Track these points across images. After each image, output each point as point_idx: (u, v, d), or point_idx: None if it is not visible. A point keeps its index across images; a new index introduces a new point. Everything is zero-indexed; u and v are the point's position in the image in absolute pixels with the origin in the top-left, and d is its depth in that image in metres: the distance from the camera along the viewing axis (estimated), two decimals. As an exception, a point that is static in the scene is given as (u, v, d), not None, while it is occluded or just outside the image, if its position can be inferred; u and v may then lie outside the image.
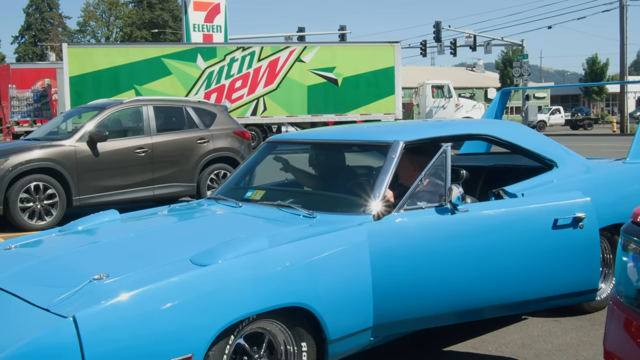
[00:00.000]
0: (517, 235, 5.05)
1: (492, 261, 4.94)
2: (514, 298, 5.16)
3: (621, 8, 45.87)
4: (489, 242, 4.94)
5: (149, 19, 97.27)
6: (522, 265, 5.04)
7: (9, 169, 11.47)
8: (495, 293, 5.00)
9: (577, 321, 6.11)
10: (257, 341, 4.29)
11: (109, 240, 5.03)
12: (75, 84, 26.05)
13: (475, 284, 4.90)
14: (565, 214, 5.09)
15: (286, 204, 5.22)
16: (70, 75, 26.09)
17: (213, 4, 40.21)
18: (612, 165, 6.97)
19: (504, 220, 5.09)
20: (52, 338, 3.51)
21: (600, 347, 5.39)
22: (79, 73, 26.19)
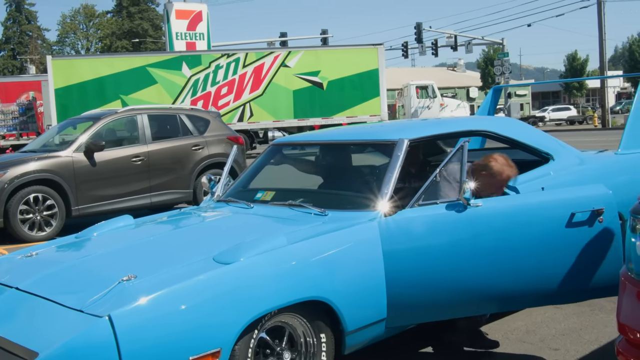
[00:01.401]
0: (531, 230, 4.88)
1: (504, 255, 4.83)
2: (528, 292, 5.05)
3: (599, 4, 46.08)
4: (500, 237, 4.83)
5: (128, 29, 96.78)
6: (537, 260, 4.88)
7: (7, 182, 11.52)
8: (508, 287, 4.91)
9: (577, 307, 6.23)
10: (278, 334, 4.40)
11: (129, 244, 5.13)
12: (61, 96, 25.98)
13: (488, 278, 4.83)
14: (583, 207, 4.83)
15: (297, 203, 5.30)
16: (55, 88, 26.02)
17: (195, 12, 40.21)
18: (605, 156, 7.06)
19: (517, 214, 4.92)
20: (89, 337, 3.63)
21: (603, 330, 5.62)
22: (64, 85, 26.13)
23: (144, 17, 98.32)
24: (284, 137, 7.29)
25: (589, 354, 5.27)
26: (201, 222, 5.71)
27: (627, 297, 3.26)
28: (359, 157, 6.13)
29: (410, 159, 5.55)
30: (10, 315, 4.13)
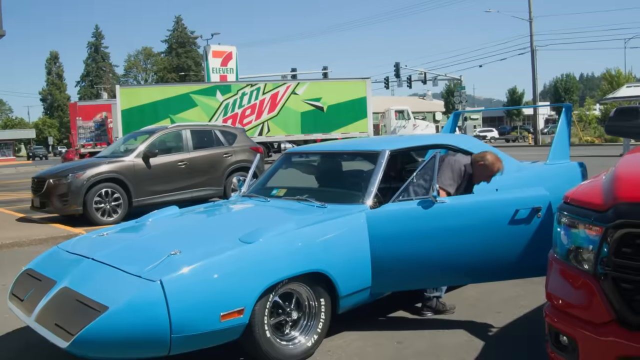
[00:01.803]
0: (485, 222, 4.81)
1: (462, 240, 4.79)
2: (480, 270, 4.99)
3: (532, 52, 46.14)
4: (460, 225, 4.79)
5: (176, 65, 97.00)
6: (488, 245, 4.81)
7: (86, 179, 11.58)
8: (465, 265, 4.89)
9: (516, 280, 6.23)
10: (288, 299, 4.41)
11: (176, 227, 5.15)
12: (126, 116, 26.01)
13: (449, 258, 4.81)
14: (525, 206, 4.78)
15: (303, 198, 5.30)
16: (121, 109, 26.06)
17: (227, 52, 40.35)
18: (537, 165, 7.06)
19: (474, 209, 4.86)
20: (146, 296, 3.68)
21: (534, 297, 5.61)
22: (128, 107, 26.15)
23: (188, 56, 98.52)
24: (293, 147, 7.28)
25: (522, 316, 5.28)
26: (230, 211, 5.71)
27: (553, 272, 3.27)
28: (351, 164, 6.12)
29: (390, 166, 5.54)
30: (88, 278, 4.14)
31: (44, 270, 4.61)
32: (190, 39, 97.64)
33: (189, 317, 3.75)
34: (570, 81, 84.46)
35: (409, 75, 52.04)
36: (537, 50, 46.50)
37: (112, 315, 3.60)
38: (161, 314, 3.65)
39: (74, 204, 11.55)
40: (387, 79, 52.84)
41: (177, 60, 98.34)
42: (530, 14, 45.74)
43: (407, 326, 5.15)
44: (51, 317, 3.95)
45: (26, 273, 4.79)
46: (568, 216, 3.17)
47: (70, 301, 3.95)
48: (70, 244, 5.05)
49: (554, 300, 3.22)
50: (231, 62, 40.29)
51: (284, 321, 4.39)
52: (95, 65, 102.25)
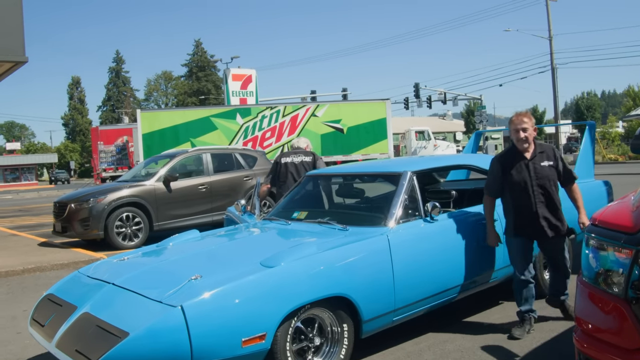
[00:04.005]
0: (466, 233, 5.33)
1: (455, 252, 5.24)
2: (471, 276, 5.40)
3: (552, 70, 46.00)
4: (451, 240, 5.24)
5: (196, 88, 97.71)
6: (471, 253, 5.30)
7: (107, 204, 11.65)
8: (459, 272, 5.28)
9: (540, 303, 6.05)
10: (310, 324, 4.36)
11: (196, 251, 5.12)
12: (147, 139, 26.14)
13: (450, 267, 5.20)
14: None
15: (325, 221, 5.28)
16: (142, 133, 26.19)
17: (247, 75, 40.60)
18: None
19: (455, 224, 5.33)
20: (166, 322, 3.65)
21: (558, 322, 5.50)
22: (149, 131, 26.29)
23: (208, 80, 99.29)
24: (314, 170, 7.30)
25: (550, 340, 5.17)
26: (251, 235, 5.67)
27: (581, 296, 3.21)
28: (372, 186, 6.09)
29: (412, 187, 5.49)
30: (109, 303, 4.13)
31: (64, 296, 4.62)
32: (210, 62, 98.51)
33: (210, 342, 3.71)
34: (592, 99, 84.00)
35: (428, 95, 52.02)
36: (558, 68, 46.33)
37: (133, 341, 3.57)
38: (182, 340, 3.62)
39: (95, 229, 11.61)
40: (406, 99, 52.87)
41: (197, 84, 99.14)
42: (550, 32, 45.67)
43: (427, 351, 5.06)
44: (72, 343, 3.94)
45: (47, 298, 4.79)
46: (596, 238, 3.12)
47: (90, 327, 3.94)
48: (91, 268, 5.05)
49: (583, 325, 3.15)
50: (251, 85, 40.53)
51: (307, 347, 4.34)
52: (116, 89, 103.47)
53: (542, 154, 5.21)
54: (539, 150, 5.21)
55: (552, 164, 5.19)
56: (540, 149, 5.23)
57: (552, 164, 5.19)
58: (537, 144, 5.23)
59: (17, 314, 7.10)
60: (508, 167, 5.21)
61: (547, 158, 5.20)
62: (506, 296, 6.37)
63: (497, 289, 6.20)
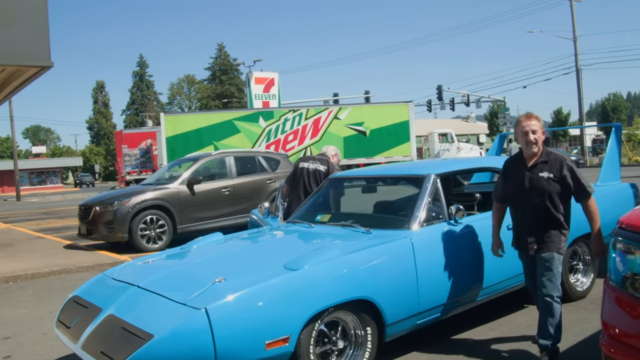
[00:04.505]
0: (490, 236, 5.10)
1: (480, 255, 5.20)
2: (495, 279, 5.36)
3: (577, 71, 45.64)
4: (475, 243, 5.20)
5: (219, 92, 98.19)
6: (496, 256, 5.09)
7: (131, 207, 11.76)
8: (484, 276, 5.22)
9: (567, 307, 6.06)
10: (334, 327, 4.35)
11: (220, 254, 5.14)
12: (170, 143, 26.33)
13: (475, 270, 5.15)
14: None
15: (348, 224, 5.26)
16: (166, 136, 26.39)
17: (269, 79, 40.67)
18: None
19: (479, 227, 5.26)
20: (190, 324, 3.66)
21: (588, 325, 5.45)
22: (172, 134, 26.47)
23: (231, 83, 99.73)
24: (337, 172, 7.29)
25: (576, 344, 5.12)
26: (274, 238, 5.68)
27: (608, 300, 3.17)
28: (396, 188, 6.08)
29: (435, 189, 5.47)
30: (134, 306, 4.16)
31: (90, 298, 4.66)
32: (233, 66, 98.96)
33: (234, 345, 3.72)
34: (618, 100, 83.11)
35: (451, 97, 51.79)
36: (582, 70, 45.97)
37: (157, 344, 3.59)
38: (206, 342, 3.63)
39: (119, 231, 11.72)
40: (429, 101, 52.67)
41: (220, 88, 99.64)
42: (574, 32, 45.29)
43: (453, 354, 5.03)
44: (97, 345, 3.97)
45: (73, 300, 4.84)
46: (623, 242, 3.08)
47: (115, 329, 3.97)
48: (116, 271, 5.10)
49: (610, 330, 3.11)
50: (273, 89, 40.62)
51: (330, 350, 4.32)
52: (140, 93, 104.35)
53: (545, 164, 4.67)
54: (543, 160, 4.69)
55: (552, 176, 4.61)
56: (546, 158, 4.70)
57: (554, 177, 4.60)
58: (544, 152, 4.72)
59: (43, 315, 7.18)
60: (508, 173, 4.91)
61: (549, 169, 4.63)
62: (532, 300, 6.29)
63: (522, 293, 6.14)
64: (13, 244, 14.15)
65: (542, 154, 4.72)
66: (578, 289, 6.30)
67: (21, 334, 6.47)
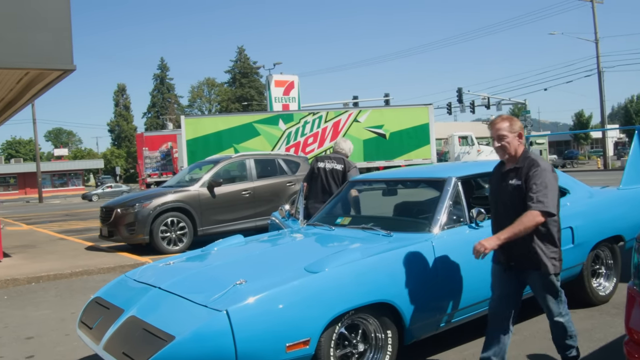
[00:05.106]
0: None
1: None
2: None
3: (599, 73, 45.24)
4: None
5: (239, 95, 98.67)
6: None
7: (152, 209, 11.84)
8: None
9: (589, 312, 6.02)
10: (354, 330, 4.33)
11: (241, 256, 5.15)
12: (191, 145, 26.48)
13: None
14: None
15: (368, 227, 5.25)
16: (186, 139, 26.55)
17: (289, 81, 40.83)
18: (609, 191, 6.90)
19: None
20: (212, 326, 3.67)
21: (610, 330, 5.39)
22: (193, 137, 26.62)
23: (251, 86, 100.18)
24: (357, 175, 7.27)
25: (598, 350, 5.07)
26: (294, 240, 5.69)
27: (632, 305, 3.13)
28: (416, 191, 6.05)
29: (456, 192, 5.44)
30: (155, 307, 4.19)
31: (112, 299, 4.70)
32: (253, 69, 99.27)
33: (254, 347, 3.72)
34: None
35: (471, 100, 51.61)
36: (604, 72, 45.56)
37: (179, 345, 3.60)
38: (227, 344, 3.64)
39: (140, 233, 11.80)
40: (449, 104, 52.52)
41: (240, 90, 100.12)
42: (596, 34, 44.92)
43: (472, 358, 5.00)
44: (119, 346, 4.00)
45: (95, 301, 4.88)
46: (647, 246, 3.04)
47: (137, 330, 3.99)
48: (137, 272, 5.13)
49: (634, 335, 3.08)
50: (293, 91, 40.75)
51: (350, 353, 4.31)
52: (160, 96, 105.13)
53: (517, 171, 4.28)
54: (518, 165, 4.29)
55: (519, 183, 4.21)
56: (521, 163, 4.28)
57: (521, 184, 4.20)
58: (522, 157, 4.30)
59: (65, 316, 7.24)
60: (491, 180, 4.64)
61: (518, 176, 4.24)
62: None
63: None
64: (36, 246, 14.30)
65: (519, 160, 4.32)
66: (600, 293, 6.24)
67: (44, 334, 6.53)
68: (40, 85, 10.90)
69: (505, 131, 4.29)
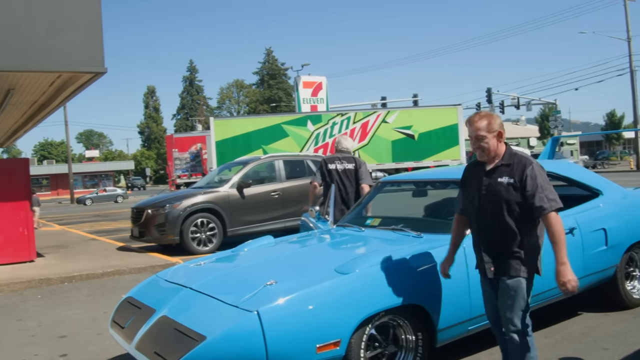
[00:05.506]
0: None
1: None
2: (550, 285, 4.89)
3: (631, 72, 44.51)
4: None
5: (268, 96, 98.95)
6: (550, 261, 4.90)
7: (182, 210, 11.95)
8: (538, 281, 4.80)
9: (623, 315, 5.94)
10: (384, 332, 4.32)
11: (271, 257, 5.15)
12: (220, 147, 26.61)
13: None
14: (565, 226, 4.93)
15: (398, 228, 5.23)
16: (215, 140, 26.69)
17: (317, 83, 40.86)
18: (643, 192, 6.78)
19: None
20: (242, 326, 3.69)
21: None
22: (222, 138, 26.76)
23: (279, 87, 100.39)
24: (386, 176, 7.23)
25: (633, 353, 4.97)
26: (324, 241, 5.67)
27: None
28: (446, 192, 6.00)
29: None
30: (186, 307, 4.22)
31: (143, 299, 4.74)
32: (281, 70, 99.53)
33: (285, 348, 3.73)
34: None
35: (501, 100, 51.16)
36: (637, 71, 44.81)
37: (210, 345, 3.62)
38: (258, 345, 3.65)
39: (171, 234, 11.91)
40: (478, 105, 52.08)
41: (268, 92, 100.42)
42: (628, 33, 44.23)
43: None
44: (151, 345, 4.03)
45: (127, 301, 4.93)
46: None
47: (169, 330, 4.02)
48: (169, 273, 5.18)
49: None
50: (321, 92, 40.77)
51: (380, 355, 4.30)
52: (190, 98, 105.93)
53: (506, 168, 3.94)
54: (505, 162, 3.96)
55: (513, 182, 3.88)
56: (508, 160, 3.97)
57: (514, 183, 3.87)
58: (508, 154, 4.00)
59: (97, 315, 7.33)
60: (467, 181, 4.26)
61: (509, 174, 3.91)
62: (586, 307, 6.18)
63: (577, 300, 6.03)
64: (68, 246, 14.51)
65: (504, 156, 4.00)
66: (635, 296, 6.14)
67: (77, 333, 6.62)
68: (72, 88, 11.06)
69: (483, 131, 3.96)
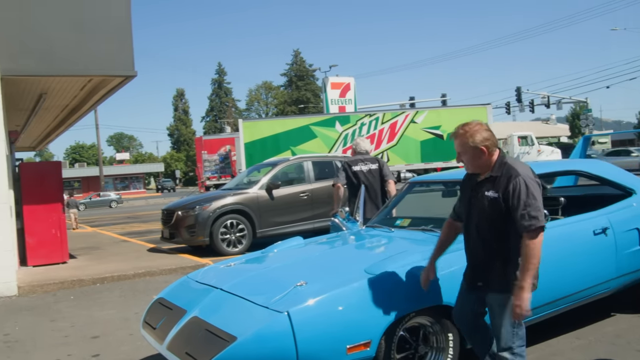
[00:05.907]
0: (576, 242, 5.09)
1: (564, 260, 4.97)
2: (581, 286, 5.12)
3: (666, 68, 43.82)
4: (560, 248, 4.92)
5: (296, 97, 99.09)
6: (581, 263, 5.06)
7: (212, 211, 12.03)
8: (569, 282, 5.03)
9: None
10: (414, 333, 4.29)
11: (301, 258, 5.17)
12: (248, 148, 26.82)
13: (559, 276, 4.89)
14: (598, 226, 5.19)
15: (428, 229, 5.20)
16: (244, 142, 26.92)
17: (345, 83, 40.85)
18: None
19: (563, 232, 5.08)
20: (273, 327, 3.70)
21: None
22: (250, 140, 26.96)
23: (307, 89, 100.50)
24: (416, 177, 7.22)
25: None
26: (354, 242, 5.67)
27: None
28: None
29: None
30: (217, 308, 4.24)
31: (174, 300, 4.78)
32: (309, 71, 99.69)
33: (315, 348, 3.73)
34: None
35: (531, 99, 50.63)
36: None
37: (241, 346, 3.63)
38: (288, 345, 3.65)
39: (201, 235, 11.99)
40: (508, 104, 51.68)
41: (296, 93, 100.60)
42: (662, 30, 43.43)
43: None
44: (182, 346, 4.06)
45: (158, 302, 4.97)
46: None
47: (200, 330, 4.05)
48: (199, 274, 5.21)
49: None
50: (349, 93, 40.76)
51: (411, 355, 4.27)
52: (218, 100, 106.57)
53: (494, 180, 3.71)
54: (494, 174, 3.72)
55: (497, 195, 3.65)
56: (497, 172, 3.72)
57: (499, 196, 3.65)
58: (498, 165, 3.75)
59: (129, 316, 7.41)
60: (462, 190, 4.12)
61: (495, 187, 3.68)
62: (619, 308, 6.08)
63: (610, 300, 5.93)
64: (100, 247, 14.70)
65: (494, 167, 3.76)
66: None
67: (109, 333, 6.70)
68: (102, 91, 11.22)
69: (459, 148, 3.82)
